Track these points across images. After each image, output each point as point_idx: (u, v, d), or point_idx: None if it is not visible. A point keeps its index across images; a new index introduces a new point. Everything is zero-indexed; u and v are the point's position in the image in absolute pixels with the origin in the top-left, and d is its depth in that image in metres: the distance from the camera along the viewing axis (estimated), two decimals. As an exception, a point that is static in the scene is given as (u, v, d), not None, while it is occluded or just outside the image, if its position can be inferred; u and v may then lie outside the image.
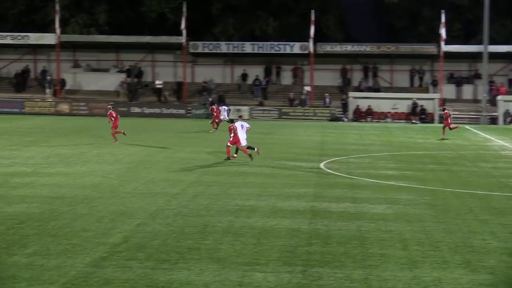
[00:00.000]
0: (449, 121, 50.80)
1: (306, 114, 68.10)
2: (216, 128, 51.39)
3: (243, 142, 34.20)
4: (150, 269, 15.60)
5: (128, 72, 73.40)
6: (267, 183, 27.65)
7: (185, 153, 37.24)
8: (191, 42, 72.06)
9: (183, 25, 70.29)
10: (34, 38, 72.39)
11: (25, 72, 74.35)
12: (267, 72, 74.95)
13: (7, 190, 25.04)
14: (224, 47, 72.62)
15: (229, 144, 34.30)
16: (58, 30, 70.75)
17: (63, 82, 71.13)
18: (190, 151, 38.21)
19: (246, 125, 34.70)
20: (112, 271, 15.43)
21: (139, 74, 74.24)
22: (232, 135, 34.04)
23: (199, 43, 72.58)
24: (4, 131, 47.95)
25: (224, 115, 52.24)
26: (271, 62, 75.17)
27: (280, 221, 20.80)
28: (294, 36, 76.41)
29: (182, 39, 70.95)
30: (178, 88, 72.39)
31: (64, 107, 67.40)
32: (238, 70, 75.19)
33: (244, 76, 74.46)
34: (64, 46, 72.22)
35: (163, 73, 74.09)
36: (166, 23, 78.29)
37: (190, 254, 16.92)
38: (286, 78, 75.88)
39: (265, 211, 22.21)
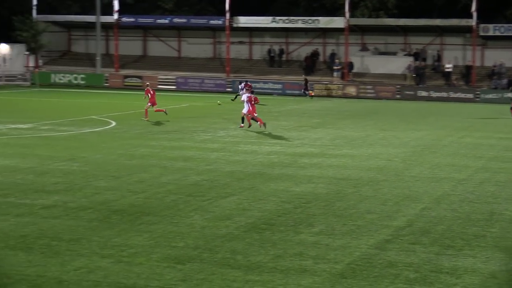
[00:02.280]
0: None
1: None
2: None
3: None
4: (434, 254, 15.42)
5: (416, 56, 72.76)
6: (560, 172, 26.28)
7: (473, 138, 36.33)
8: (482, 25, 69.92)
9: (473, 7, 68.43)
10: (323, 22, 73.90)
11: (314, 55, 76.14)
12: None
13: (295, 170, 25.87)
14: (516, 29, 69.77)
15: (255, 115, 37.75)
16: (347, 14, 71.70)
17: (351, 65, 72.01)
18: (478, 136, 37.21)
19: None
20: (395, 254, 15.44)
21: (438, 58, 73.13)
22: (249, 105, 37.73)
23: (490, 26, 70.24)
24: (294, 113, 49.53)
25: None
26: None
27: None
28: None
29: (472, 21, 69.09)
30: (466, 72, 70.65)
31: (351, 90, 68.27)
32: (531, 53, 71.95)
33: (537, 59, 71.09)
34: (352, 29, 73.05)
35: (451, 56, 72.63)
36: (456, 5, 76.63)
37: (475, 241, 16.51)
38: None
39: (557, 201, 21.13)
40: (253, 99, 38.22)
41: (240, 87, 54.94)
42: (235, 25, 75.02)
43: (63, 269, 14.04)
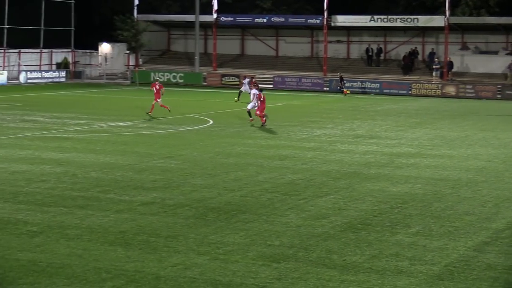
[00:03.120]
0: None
1: None
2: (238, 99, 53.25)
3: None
4: (535, 258, 15.06)
5: (517, 55, 71.05)
6: None
7: None
8: None
9: None
10: (423, 20, 72.85)
11: (413, 54, 75.21)
12: None
13: (392, 170, 25.63)
14: None
15: (262, 113, 38.25)
16: (447, 12, 70.56)
17: (450, 65, 70.83)
18: None
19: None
20: (494, 256, 15.14)
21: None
22: (258, 102, 38.56)
23: None
24: (392, 112, 49.06)
25: (245, 88, 52.94)
26: None
27: None
28: None
29: None
30: None
31: (450, 89, 67.12)
32: None
33: None
34: (452, 28, 71.84)
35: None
36: (561, 2, 74.52)
37: None
38: None
39: None
40: (262, 96, 38.66)
41: (244, 82, 54.40)
42: (333, 24, 74.70)
43: (160, 265, 14.27)
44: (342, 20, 74.89)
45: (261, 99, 38.60)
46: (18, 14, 75.42)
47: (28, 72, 73.11)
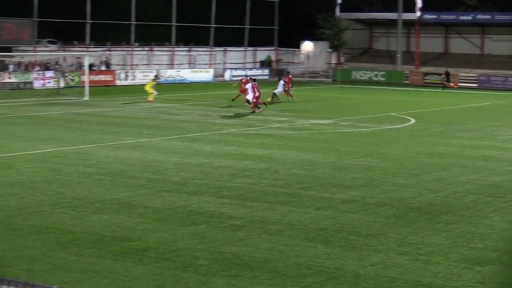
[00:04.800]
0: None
1: None
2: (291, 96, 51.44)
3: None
4: None
5: None
6: None
7: None
8: None
9: None
10: None
11: None
12: None
13: None
14: None
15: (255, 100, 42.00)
16: None
17: None
18: None
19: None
20: None
21: None
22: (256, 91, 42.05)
23: None
24: None
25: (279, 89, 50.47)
26: None
27: None
28: None
29: None
30: None
31: None
32: None
33: None
34: None
35: None
36: None
37: None
38: None
39: None
40: (256, 86, 42.28)
41: (280, 82, 51.24)
42: (543, 21, 71.77)
43: (360, 264, 14.23)
44: (552, 16, 71.75)
45: (256, 88, 42.08)
46: (224, 13, 77.76)
47: (233, 70, 75.19)
